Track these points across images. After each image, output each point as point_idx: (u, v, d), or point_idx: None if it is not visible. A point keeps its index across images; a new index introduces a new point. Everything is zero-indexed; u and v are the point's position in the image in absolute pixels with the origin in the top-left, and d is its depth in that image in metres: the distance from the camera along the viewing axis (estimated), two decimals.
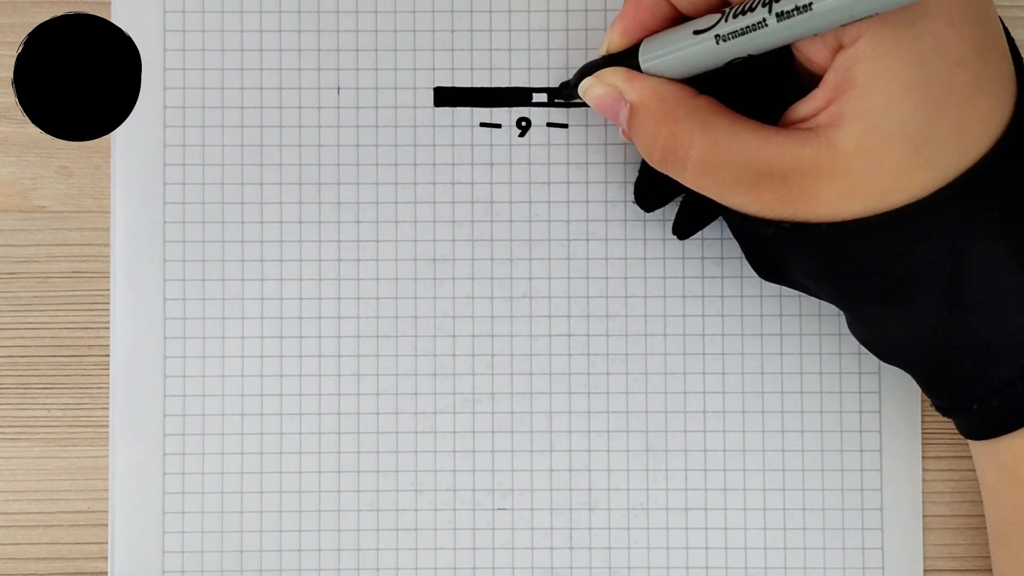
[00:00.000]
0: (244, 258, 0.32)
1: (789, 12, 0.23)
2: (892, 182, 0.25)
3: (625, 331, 0.32)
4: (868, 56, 0.24)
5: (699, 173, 0.26)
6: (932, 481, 0.33)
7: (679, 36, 0.26)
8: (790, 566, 0.32)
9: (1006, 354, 0.26)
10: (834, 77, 0.25)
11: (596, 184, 0.32)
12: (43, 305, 0.33)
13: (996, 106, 0.25)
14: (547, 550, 0.32)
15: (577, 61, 0.32)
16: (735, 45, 0.25)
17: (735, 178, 0.26)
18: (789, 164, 0.25)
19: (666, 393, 0.32)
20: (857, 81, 0.24)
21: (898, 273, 0.26)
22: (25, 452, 0.33)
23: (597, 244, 0.32)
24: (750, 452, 0.32)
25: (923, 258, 0.25)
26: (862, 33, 0.24)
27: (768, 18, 0.24)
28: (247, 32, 0.32)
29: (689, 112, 0.26)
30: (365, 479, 0.32)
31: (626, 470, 0.32)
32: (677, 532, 0.32)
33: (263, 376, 0.32)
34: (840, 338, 0.32)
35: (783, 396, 0.32)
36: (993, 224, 0.25)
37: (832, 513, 0.32)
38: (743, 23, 0.25)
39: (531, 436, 0.32)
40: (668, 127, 0.26)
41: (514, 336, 0.32)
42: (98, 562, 0.33)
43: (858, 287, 0.27)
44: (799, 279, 0.28)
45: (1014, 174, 0.25)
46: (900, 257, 0.25)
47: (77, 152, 0.33)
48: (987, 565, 0.33)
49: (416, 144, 0.32)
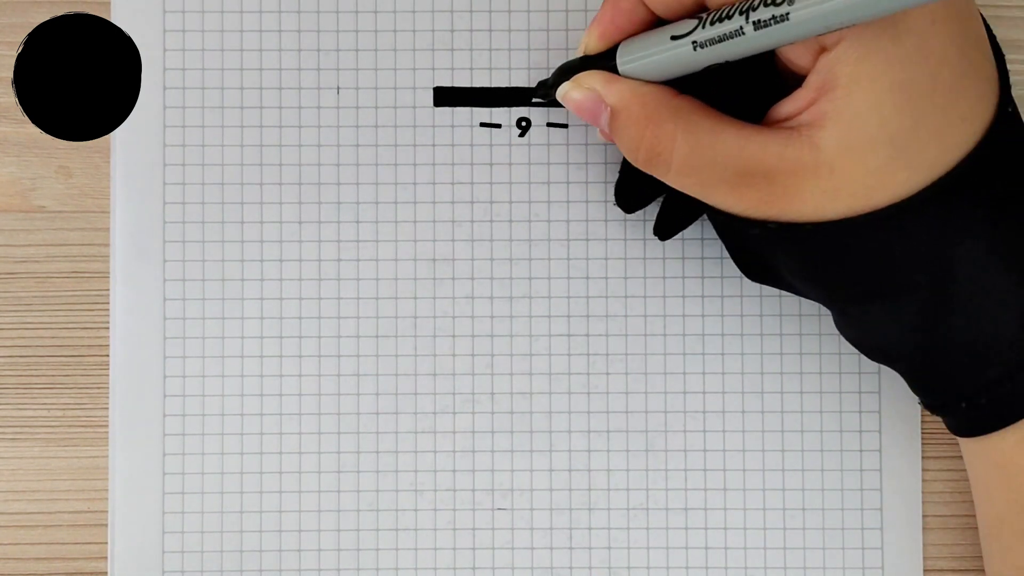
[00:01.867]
0: (244, 258, 0.32)
1: (766, 22, 0.23)
2: (875, 182, 0.25)
3: (625, 331, 0.32)
4: (850, 58, 0.24)
5: (683, 173, 0.26)
6: (932, 481, 0.33)
7: (656, 40, 0.26)
8: (790, 566, 0.32)
9: (993, 352, 0.26)
10: (816, 78, 0.25)
11: (596, 184, 0.32)
12: (43, 305, 0.33)
13: (979, 105, 0.25)
14: (547, 550, 0.32)
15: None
16: (712, 51, 0.25)
17: (719, 177, 0.26)
18: (772, 163, 0.25)
19: (666, 393, 0.32)
20: (839, 82, 0.24)
21: (883, 272, 0.26)
22: (25, 452, 0.33)
23: (597, 244, 0.32)
24: (750, 452, 0.32)
25: (908, 257, 0.25)
26: (844, 36, 0.24)
27: (745, 27, 0.24)
28: (247, 32, 0.32)
29: (671, 113, 0.26)
30: (365, 479, 0.32)
31: (626, 470, 0.32)
32: (677, 532, 0.32)
33: (263, 376, 0.32)
34: (840, 338, 0.32)
35: (783, 396, 0.32)
36: (977, 223, 0.25)
37: (832, 513, 0.32)
38: (720, 31, 0.24)
39: (531, 436, 0.32)
40: (651, 130, 0.26)
41: (514, 336, 0.32)
42: (98, 562, 0.33)
43: (844, 286, 0.27)
44: (785, 278, 0.28)
45: (997, 173, 0.25)
46: (885, 256, 0.25)
47: (77, 152, 0.33)
48: None
49: (416, 144, 0.32)
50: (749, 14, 0.24)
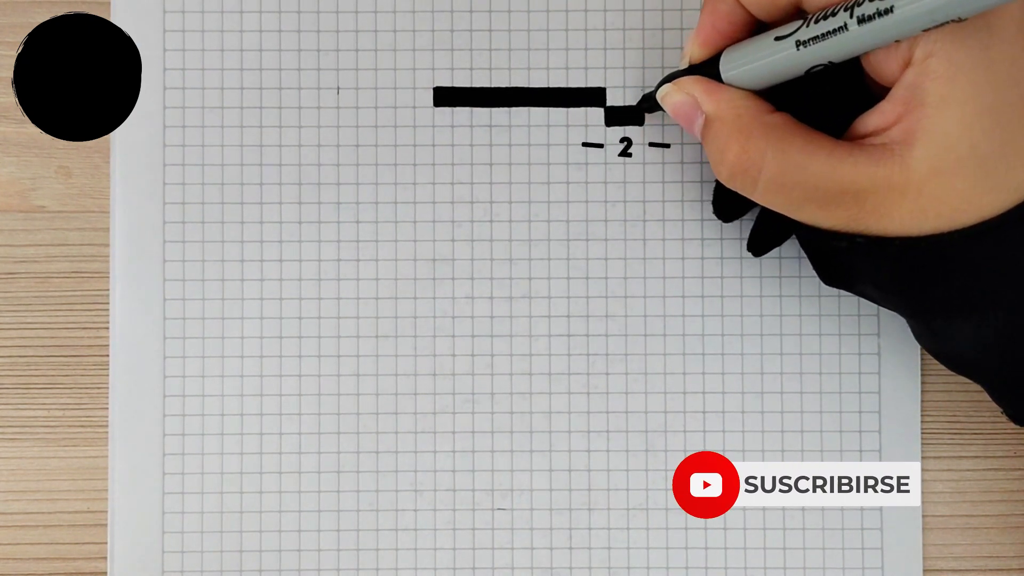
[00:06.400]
0: (244, 258, 0.32)
1: (870, 16, 0.24)
2: (963, 203, 0.25)
3: (625, 331, 0.32)
4: (940, 75, 0.24)
5: (771, 191, 0.26)
6: (932, 481, 0.33)
7: (761, 44, 0.27)
8: (790, 566, 0.32)
9: None
10: (903, 92, 0.25)
11: (596, 184, 0.32)
12: (43, 305, 0.33)
13: None
14: (547, 550, 0.32)
15: (577, 61, 0.32)
16: (815, 51, 0.25)
17: (807, 196, 0.26)
18: (863, 183, 0.25)
19: (666, 393, 0.32)
20: (927, 99, 0.24)
21: (969, 287, 0.26)
22: (25, 452, 0.33)
23: (597, 244, 0.32)
24: (750, 452, 0.32)
25: (994, 273, 0.26)
26: (934, 52, 0.24)
27: (849, 22, 0.24)
28: (247, 32, 0.32)
29: (763, 130, 0.26)
30: (365, 479, 0.32)
31: (626, 470, 0.32)
32: (677, 532, 0.32)
33: (263, 376, 0.32)
34: (840, 338, 0.32)
35: (783, 396, 0.32)
36: None
37: (832, 513, 0.32)
38: (824, 28, 0.25)
39: (531, 436, 0.32)
40: (740, 142, 0.26)
41: (514, 336, 0.32)
42: (98, 562, 0.33)
43: (930, 299, 0.27)
44: (867, 289, 0.28)
45: None
46: (971, 272, 0.26)
47: (77, 152, 0.33)
48: (987, 565, 0.33)
49: (416, 144, 0.32)
50: (854, 10, 0.24)
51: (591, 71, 0.32)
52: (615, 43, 0.32)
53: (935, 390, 0.33)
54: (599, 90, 0.32)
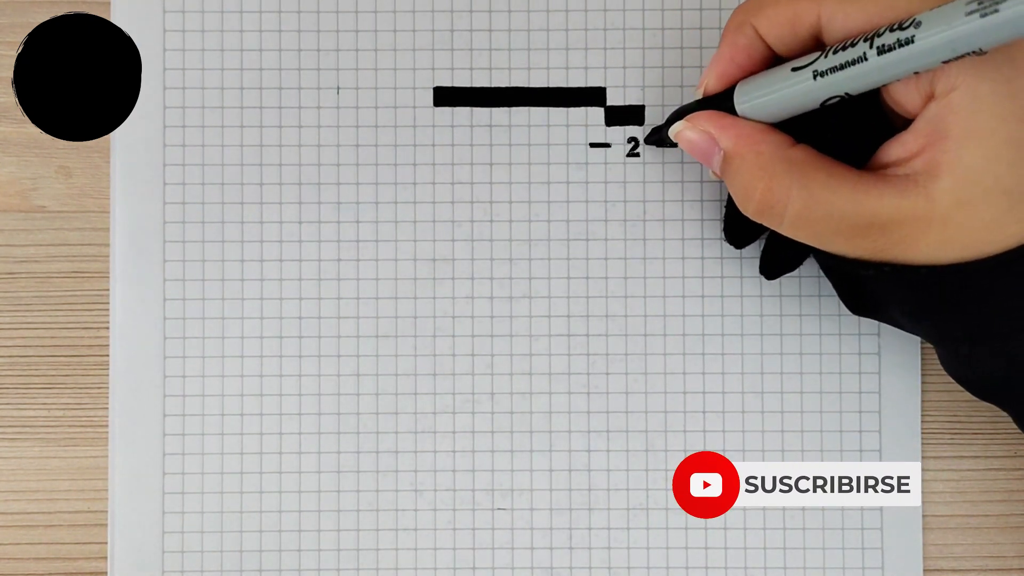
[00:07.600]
0: (244, 258, 0.32)
1: (891, 46, 0.24)
2: (988, 233, 0.25)
3: (625, 331, 0.32)
4: (963, 108, 0.24)
5: (797, 226, 0.26)
6: (932, 481, 0.33)
7: (777, 75, 0.26)
8: (790, 566, 0.32)
9: None
10: (926, 125, 0.25)
11: (596, 184, 0.32)
12: (43, 305, 0.33)
13: None
14: (547, 550, 0.32)
15: (577, 61, 0.32)
16: (833, 81, 0.25)
17: (834, 229, 0.26)
18: (888, 215, 0.25)
19: (666, 393, 0.32)
20: (951, 132, 0.24)
21: (994, 313, 0.26)
22: (25, 452, 0.33)
23: (597, 244, 0.32)
24: (750, 452, 0.32)
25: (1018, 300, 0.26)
26: (957, 85, 0.24)
27: (869, 52, 0.24)
28: (247, 32, 0.32)
29: (787, 166, 0.26)
30: (365, 479, 0.32)
31: (626, 470, 0.32)
32: (677, 532, 0.32)
33: (263, 376, 0.32)
34: (840, 338, 0.32)
35: (783, 396, 0.32)
36: None
37: (832, 513, 0.32)
38: (843, 58, 0.25)
39: (531, 436, 0.32)
40: (764, 182, 0.26)
41: (514, 336, 0.32)
42: (98, 562, 0.33)
43: (954, 326, 0.27)
44: (895, 316, 0.28)
45: None
46: (997, 299, 0.26)
47: (77, 152, 0.33)
48: (987, 565, 0.33)
49: (416, 144, 0.32)
50: (873, 40, 0.24)
51: (591, 71, 0.32)
52: (615, 43, 0.32)
53: (935, 390, 0.33)
54: (599, 90, 0.32)
